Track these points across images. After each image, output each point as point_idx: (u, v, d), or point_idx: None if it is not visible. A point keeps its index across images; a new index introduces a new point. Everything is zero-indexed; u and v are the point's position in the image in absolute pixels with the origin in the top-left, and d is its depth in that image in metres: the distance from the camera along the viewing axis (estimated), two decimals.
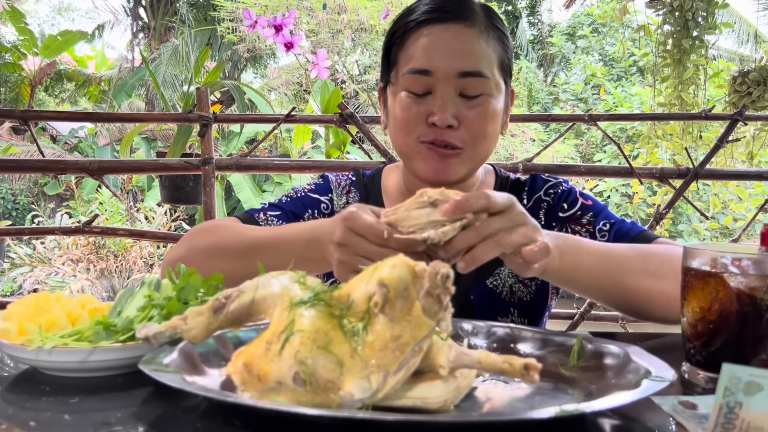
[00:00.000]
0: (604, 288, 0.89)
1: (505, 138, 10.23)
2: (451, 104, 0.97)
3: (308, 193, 1.16)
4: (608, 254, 0.88)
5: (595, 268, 0.86)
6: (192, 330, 0.62)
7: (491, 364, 0.58)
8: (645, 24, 3.09)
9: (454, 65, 0.97)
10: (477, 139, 1.00)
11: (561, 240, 0.84)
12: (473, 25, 0.99)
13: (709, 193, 6.46)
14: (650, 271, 0.88)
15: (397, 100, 1.02)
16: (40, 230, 4.33)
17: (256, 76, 14.64)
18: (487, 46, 0.99)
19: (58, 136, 12.05)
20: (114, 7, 13.32)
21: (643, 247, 0.93)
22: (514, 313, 1.09)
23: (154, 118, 3.49)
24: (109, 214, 7.95)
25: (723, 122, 2.60)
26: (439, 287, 0.57)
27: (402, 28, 1.02)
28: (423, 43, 0.98)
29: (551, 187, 1.13)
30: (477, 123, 0.99)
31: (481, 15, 1.01)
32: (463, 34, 0.98)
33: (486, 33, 1.00)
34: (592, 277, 0.87)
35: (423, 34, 0.99)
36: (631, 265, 0.88)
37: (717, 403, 0.48)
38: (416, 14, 1.01)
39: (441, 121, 0.96)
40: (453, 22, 0.98)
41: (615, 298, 0.91)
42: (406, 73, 1.00)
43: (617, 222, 1.06)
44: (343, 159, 4.12)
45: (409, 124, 1.00)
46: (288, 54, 3.09)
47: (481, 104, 0.99)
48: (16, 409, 0.62)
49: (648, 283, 0.88)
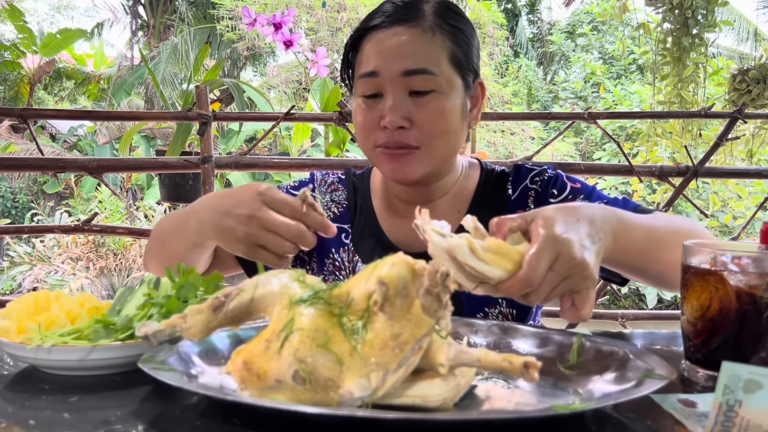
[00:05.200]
0: (649, 264, 0.87)
1: (504, 136, 10.24)
2: (401, 105, 0.99)
3: (290, 190, 1.17)
4: (652, 228, 0.86)
5: (644, 244, 0.84)
6: (191, 328, 0.62)
7: (491, 362, 0.58)
8: (645, 22, 3.09)
9: (397, 65, 0.99)
10: (432, 137, 1.01)
11: (611, 217, 0.79)
12: (416, 25, 1.01)
13: (709, 191, 6.45)
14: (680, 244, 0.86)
15: (355, 106, 1.06)
16: (39, 229, 4.34)
17: (255, 75, 14.64)
18: (432, 43, 1.01)
19: (58, 135, 12.05)
20: (113, 6, 13.29)
21: (665, 219, 0.92)
22: (502, 303, 1.08)
23: (154, 117, 3.48)
24: (109, 212, 7.95)
25: (722, 120, 2.61)
26: (439, 285, 0.57)
27: (356, 35, 1.06)
28: (370, 48, 1.02)
29: (536, 175, 1.13)
30: (429, 120, 1.00)
31: (428, 14, 1.02)
32: (405, 34, 1.00)
33: (431, 31, 1.01)
34: (640, 254, 0.85)
35: (371, 39, 1.03)
36: (666, 239, 0.86)
37: (716, 401, 0.48)
38: (369, 21, 1.05)
39: (390, 124, 0.99)
40: (397, 24, 1.01)
41: (656, 273, 0.89)
42: (358, 78, 1.04)
43: (610, 201, 1.06)
44: (342, 157, 4.12)
45: (365, 130, 1.03)
46: (287, 52, 3.09)
47: (431, 101, 1.00)
48: (16, 407, 0.62)
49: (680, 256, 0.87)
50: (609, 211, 0.81)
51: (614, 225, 0.78)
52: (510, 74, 12.82)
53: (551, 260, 0.67)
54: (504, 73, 12.77)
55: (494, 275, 0.64)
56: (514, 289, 0.65)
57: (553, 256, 0.67)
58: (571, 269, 0.68)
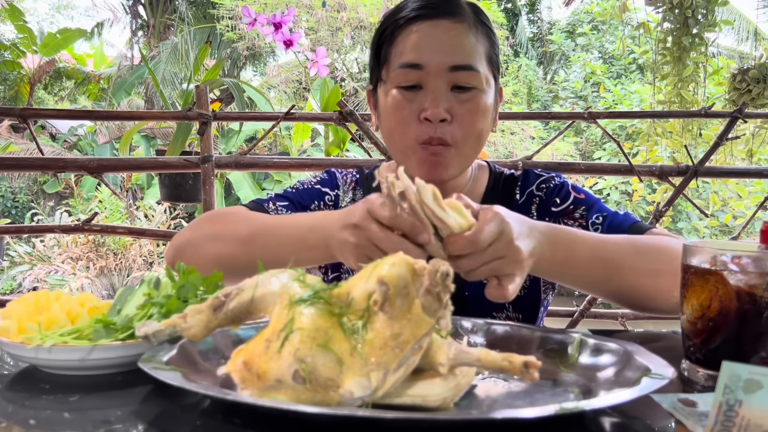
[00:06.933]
0: (597, 283, 0.90)
1: (504, 136, 10.23)
2: (444, 99, 0.98)
3: (314, 185, 1.16)
4: (603, 248, 0.87)
5: (588, 262, 0.86)
6: (191, 328, 0.62)
7: (491, 362, 0.58)
8: (645, 21, 3.08)
9: (445, 59, 0.98)
10: (468, 135, 1.00)
11: (554, 233, 0.84)
12: (462, 21, 1.00)
13: (709, 190, 6.46)
14: (646, 268, 0.88)
15: (389, 98, 1.02)
16: (39, 228, 4.34)
17: (255, 74, 14.63)
18: (477, 41, 1.00)
19: (58, 134, 12.04)
20: (113, 5, 13.28)
21: (639, 241, 0.92)
22: (509, 308, 1.09)
23: (154, 116, 3.48)
24: (109, 212, 7.95)
25: (723, 120, 2.60)
26: (439, 285, 0.57)
27: (392, 26, 1.03)
28: (413, 39, 0.99)
29: (543, 182, 1.13)
30: (469, 118, 0.99)
31: (468, 11, 1.02)
32: (453, 29, 0.99)
33: (475, 28, 1.01)
34: (584, 271, 0.87)
35: (413, 31, 1.00)
36: (625, 261, 0.88)
37: (717, 400, 0.48)
38: (405, 11, 1.02)
39: (434, 116, 0.96)
40: (442, 18, 0.99)
41: (608, 291, 0.91)
42: (396, 68, 1.00)
43: (610, 214, 1.06)
44: (342, 157, 4.12)
45: (403, 123, 1.00)
46: (287, 52, 3.09)
47: (472, 99, 0.99)
48: (16, 407, 0.62)
49: (644, 281, 0.88)
50: (552, 227, 0.85)
51: (551, 238, 0.83)
52: (510, 74, 12.82)
53: (496, 234, 0.72)
54: (504, 73, 12.76)
55: (451, 224, 0.70)
56: (460, 245, 0.70)
57: (498, 231, 0.73)
58: (507, 250, 0.73)
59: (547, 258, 0.82)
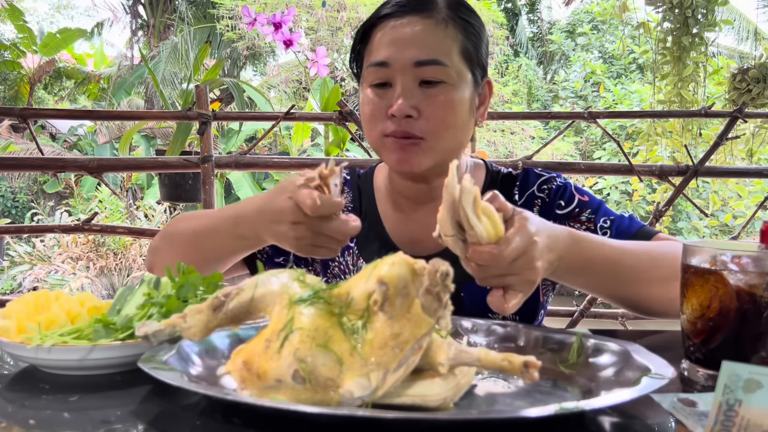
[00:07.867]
0: (608, 291, 0.91)
1: (504, 136, 10.24)
2: (410, 94, 0.99)
3: None
4: (620, 260, 0.87)
5: (603, 273, 0.87)
6: (191, 328, 0.62)
7: (491, 361, 0.58)
8: (645, 21, 3.09)
9: (409, 55, 0.99)
10: (439, 129, 1.00)
11: (576, 246, 0.83)
12: (430, 16, 1.01)
13: (709, 190, 6.45)
14: (660, 277, 0.88)
15: (363, 96, 1.05)
16: (39, 228, 4.34)
17: (255, 74, 14.62)
18: (445, 35, 1.01)
19: (58, 134, 12.04)
20: (113, 5, 13.27)
21: (654, 250, 0.92)
22: None
23: (154, 116, 3.48)
24: (109, 212, 7.94)
25: (723, 119, 2.60)
26: (439, 285, 0.57)
27: (367, 26, 1.05)
28: (381, 37, 1.01)
29: (545, 183, 1.12)
30: (437, 112, 0.99)
31: (442, 6, 1.02)
32: (419, 24, 1.00)
33: (444, 23, 1.01)
34: (598, 280, 0.88)
35: (383, 29, 1.02)
36: (641, 272, 0.88)
37: (716, 400, 0.48)
38: (379, 12, 1.04)
39: (398, 111, 0.98)
40: (410, 15, 1.01)
41: (618, 298, 0.93)
42: (368, 67, 1.03)
43: (616, 218, 1.06)
44: (342, 157, 4.12)
45: (373, 119, 1.02)
46: (287, 51, 3.09)
47: (440, 93, 0.99)
48: (16, 407, 0.62)
49: (657, 290, 0.89)
50: (574, 237, 0.84)
51: (573, 249, 0.82)
52: (510, 73, 12.82)
53: (521, 252, 0.71)
54: (504, 73, 12.76)
55: (479, 233, 0.68)
56: (482, 256, 0.69)
57: (522, 249, 0.71)
58: (525, 270, 0.72)
59: (563, 268, 0.81)
